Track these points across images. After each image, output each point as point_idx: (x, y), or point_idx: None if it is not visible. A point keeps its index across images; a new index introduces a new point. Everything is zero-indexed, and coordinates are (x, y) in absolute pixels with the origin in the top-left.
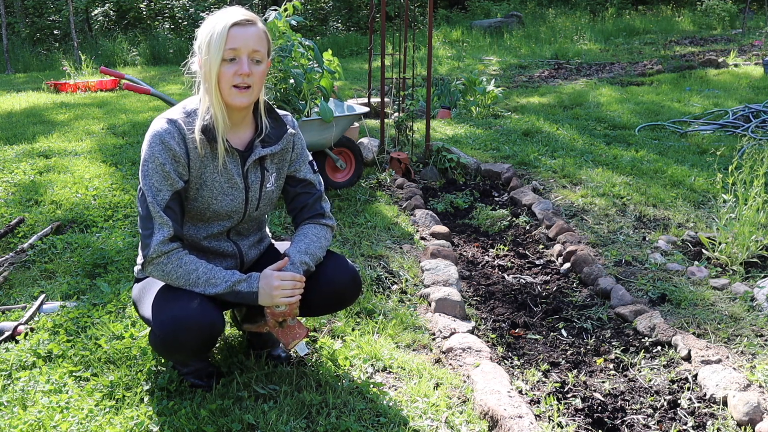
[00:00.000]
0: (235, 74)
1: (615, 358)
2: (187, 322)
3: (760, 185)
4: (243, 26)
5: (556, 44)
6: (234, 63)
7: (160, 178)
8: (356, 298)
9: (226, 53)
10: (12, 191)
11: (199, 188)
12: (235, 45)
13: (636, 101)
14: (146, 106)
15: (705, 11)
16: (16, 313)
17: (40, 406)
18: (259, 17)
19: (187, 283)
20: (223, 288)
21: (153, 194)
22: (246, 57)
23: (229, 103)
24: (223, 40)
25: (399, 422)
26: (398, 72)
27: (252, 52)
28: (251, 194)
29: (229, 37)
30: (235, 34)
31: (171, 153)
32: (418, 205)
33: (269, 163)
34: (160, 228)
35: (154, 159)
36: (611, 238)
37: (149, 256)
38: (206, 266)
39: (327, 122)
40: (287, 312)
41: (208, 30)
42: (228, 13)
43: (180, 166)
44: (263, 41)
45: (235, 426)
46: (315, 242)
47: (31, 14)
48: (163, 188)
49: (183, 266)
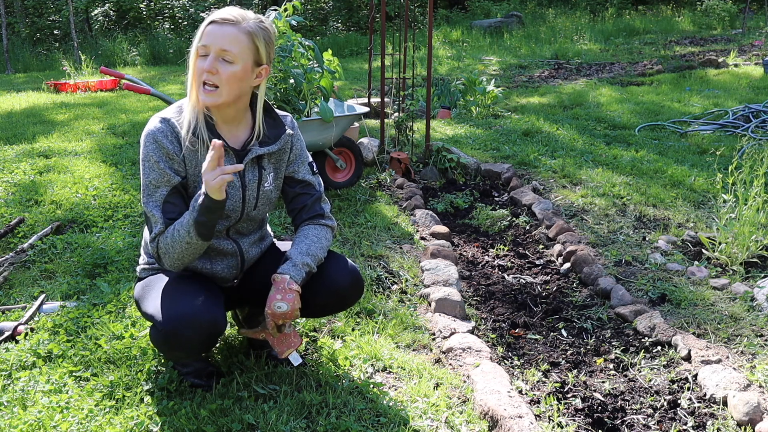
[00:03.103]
0: (202, 71)
1: (615, 358)
2: (190, 319)
3: (760, 185)
4: (219, 24)
5: (556, 44)
6: (204, 60)
7: (156, 176)
8: (358, 298)
9: (200, 49)
10: (12, 191)
11: (197, 186)
12: (206, 42)
13: (636, 101)
14: (146, 106)
15: (705, 11)
16: (16, 313)
17: (40, 406)
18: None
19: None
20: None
21: (149, 193)
22: (213, 54)
23: (200, 99)
24: (200, 36)
25: (399, 422)
26: (398, 72)
27: (220, 50)
28: (248, 193)
29: (204, 34)
30: (209, 32)
31: (164, 151)
32: (418, 205)
33: (266, 163)
34: (155, 225)
35: (149, 158)
36: (611, 238)
37: (154, 253)
38: (179, 221)
39: (327, 122)
40: (288, 313)
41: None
42: (216, 12)
43: (175, 163)
44: (240, 42)
45: (235, 426)
46: (316, 243)
47: (31, 14)
48: (160, 185)
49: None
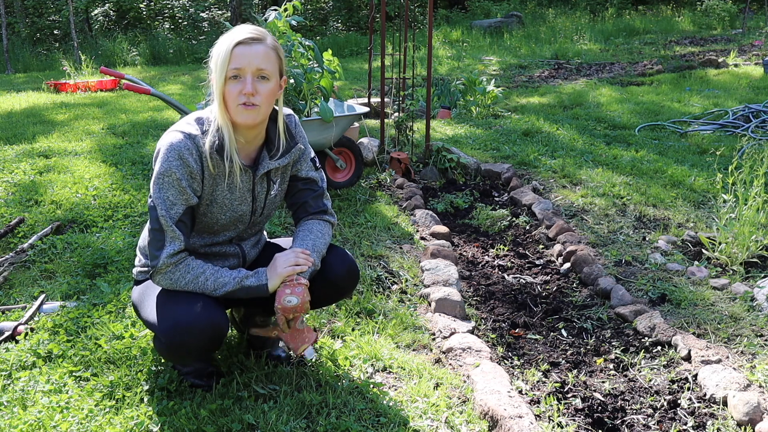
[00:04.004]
0: (240, 93)
1: (615, 358)
2: (192, 326)
3: (760, 185)
4: (247, 45)
5: (556, 44)
6: (238, 81)
7: (175, 193)
8: (353, 288)
9: (230, 72)
10: (12, 191)
11: (209, 204)
12: (238, 65)
13: (636, 101)
14: (146, 106)
15: (705, 11)
16: (16, 313)
17: (40, 406)
18: (269, 33)
19: (196, 287)
20: (232, 286)
21: (167, 208)
22: (250, 75)
23: (237, 121)
24: (226, 60)
25: (399, 422)
26: (398, 72)
27: (257, 70)
28: (257, 204)
29: (232, 57)
30: (238, 53)
31: (188, 169)
32: (418, 205)
33: (274, 173)
34: (172, 242)
35: (170, 173)
36: (611, 238)
37: (158, 267)
38: (212, 268)
39: (327, 122)
40: (299, 306)
41: (217, 50)
42: (234, 32)
43: (195, 183)
44: (271, 58)
45: (235, 426)
46: (320, 238)
47: (31, 14)
48: (177, 202)
49: (190, 271)
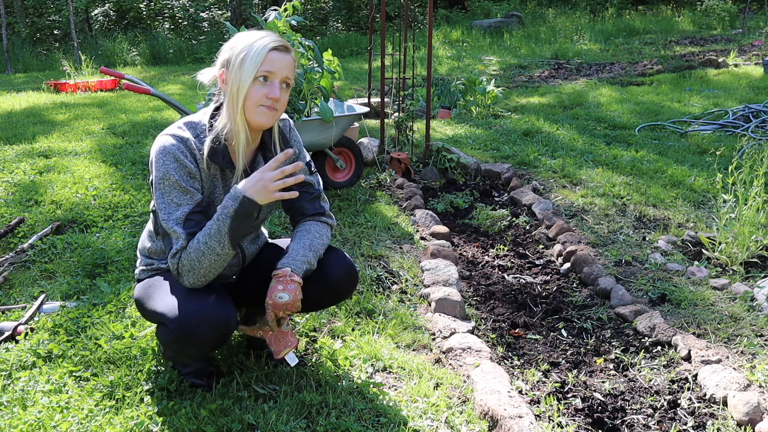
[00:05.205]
0: (265, 96)
1: (615, 358)
2: (204, 317)
3: (760, 185)
4: (281, 52)
5: (556, 44)
6: (265, 85)
7: (179, 194)
8: (352, 291)
9: (260, 73)
10: (12, 191)
11: (207, 206)
12: (271, 68)
13: (636, 101)
14: (146, 106)
15: (705, 11)
16: (16, 313)
17: (40, 406)
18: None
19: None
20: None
21: (169, 211)
22: (278, 82)
23: (252, 121)
24: (260, 60)
25: (399, 422)
26: (398, 72)
27: (285, 78)
28: None
29: (267, 59)
30: (273, 58)
31: (186, 169)
32: (418, 205)
33: None
34: (176, 241)
35: (168, 177)
36: (611, 238)
37: (173, 270)
38: (202, 233)
39: (327, 122)
40: (290, 304)
41: (243, 48)
42: (266, 36)
43: (195, 182)
44: (293, 69)
45: (235, 426)
46: (318, 239)
47: (31, 14)
48: (183, 202)
49: (193, 249)
